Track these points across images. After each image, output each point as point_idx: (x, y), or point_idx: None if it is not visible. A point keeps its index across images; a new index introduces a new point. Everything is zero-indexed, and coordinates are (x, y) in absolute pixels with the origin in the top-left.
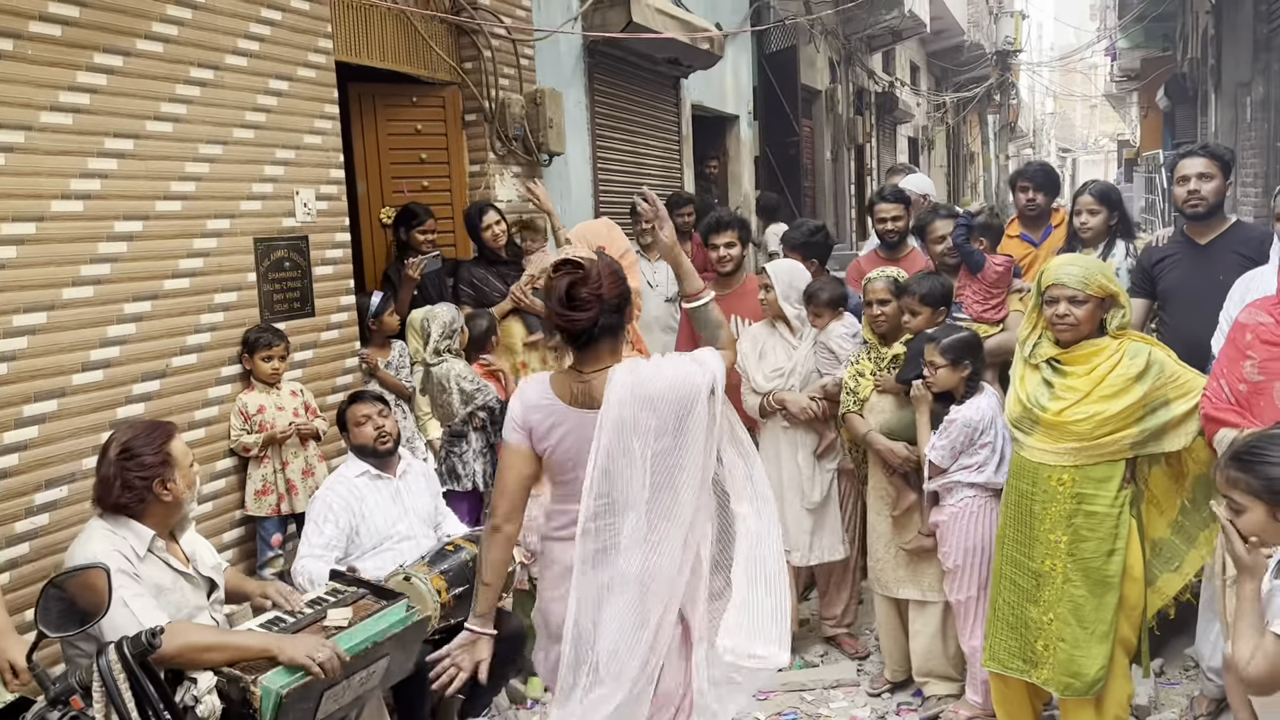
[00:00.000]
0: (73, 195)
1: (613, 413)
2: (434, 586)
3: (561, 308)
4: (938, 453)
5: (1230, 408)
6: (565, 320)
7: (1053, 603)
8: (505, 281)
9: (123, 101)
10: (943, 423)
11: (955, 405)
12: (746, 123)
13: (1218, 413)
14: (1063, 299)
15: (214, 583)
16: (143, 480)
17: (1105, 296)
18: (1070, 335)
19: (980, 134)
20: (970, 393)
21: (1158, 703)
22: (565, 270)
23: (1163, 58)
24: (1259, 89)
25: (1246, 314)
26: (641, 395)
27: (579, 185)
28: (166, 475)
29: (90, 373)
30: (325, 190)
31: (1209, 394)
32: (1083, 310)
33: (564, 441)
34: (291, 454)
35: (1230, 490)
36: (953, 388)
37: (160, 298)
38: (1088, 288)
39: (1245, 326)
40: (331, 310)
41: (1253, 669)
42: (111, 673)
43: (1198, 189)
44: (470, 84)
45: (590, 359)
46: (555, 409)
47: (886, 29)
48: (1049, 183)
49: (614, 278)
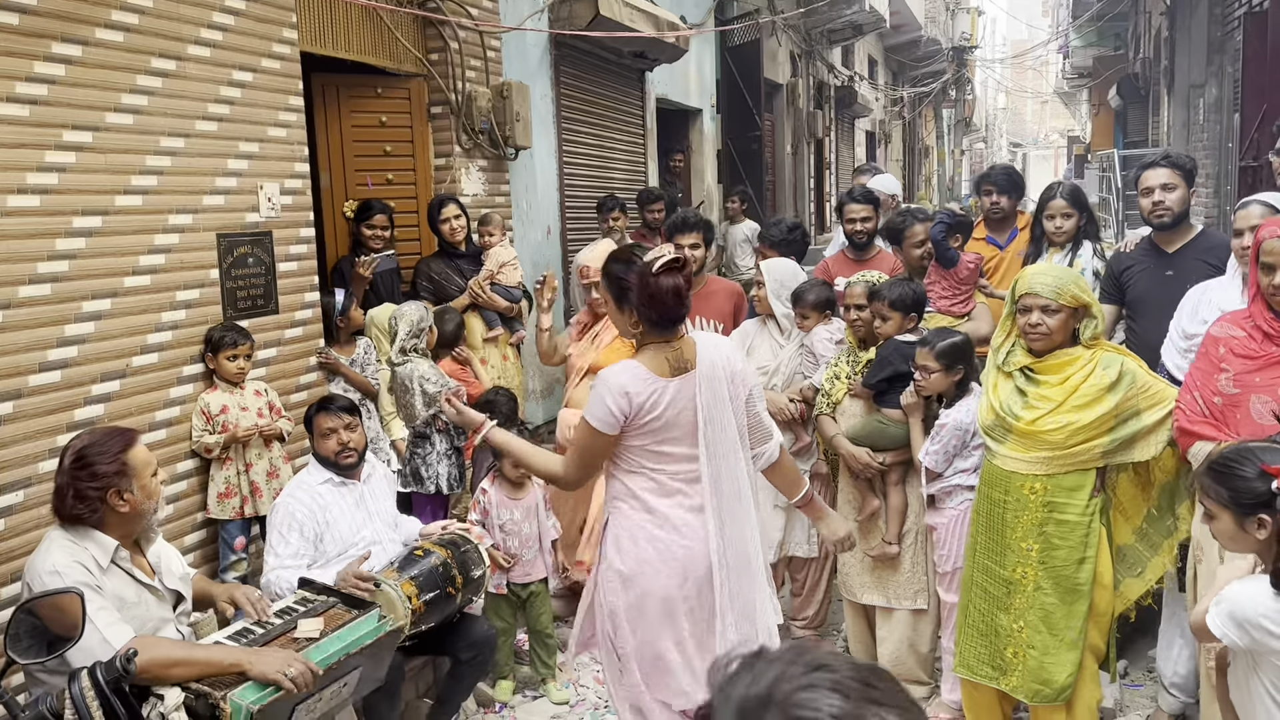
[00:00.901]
0: (29, 190)
1: (705, 370)
2: (405, 593)
3: (674, 301)
4: (931, 458)
5: (1205, 420)
6: (677, 311)
7: (1023, 610)
8: (464, 276)
9: (81, 92)
10: (934, 428)
11: (944, 409)
12: (710, 116)
13: (1192, 425)
14: (1035, 308)
15: (181, 595)
16: (96, 491)
17: (1078, 306)
18: (1043, 344)
19: (935, 128)
20: (959, 395)
21: (1122, 704)
22: (671, 266)
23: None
24: (1212, 91)
25: (1219, 327)
26: (719, 356)
27: (545, 179)
28: (122, 485)
29: (48, 373)
30: (290, 184)
31: (1183, 406)
32: (1055, 320)
33: (670, 408)
34: (255, 455)
35: (1204, 498)
36: (945, 391)
37: (120, 295)
38: (1060, 297)
39: (1218, 340)
40: (296, 307)
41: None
42: (84, 700)
43: (1162, 199)
44: (436, 76)
45: (671, 333)
46: (657, 385)
47: (847, 23)
48: (1013, 186)
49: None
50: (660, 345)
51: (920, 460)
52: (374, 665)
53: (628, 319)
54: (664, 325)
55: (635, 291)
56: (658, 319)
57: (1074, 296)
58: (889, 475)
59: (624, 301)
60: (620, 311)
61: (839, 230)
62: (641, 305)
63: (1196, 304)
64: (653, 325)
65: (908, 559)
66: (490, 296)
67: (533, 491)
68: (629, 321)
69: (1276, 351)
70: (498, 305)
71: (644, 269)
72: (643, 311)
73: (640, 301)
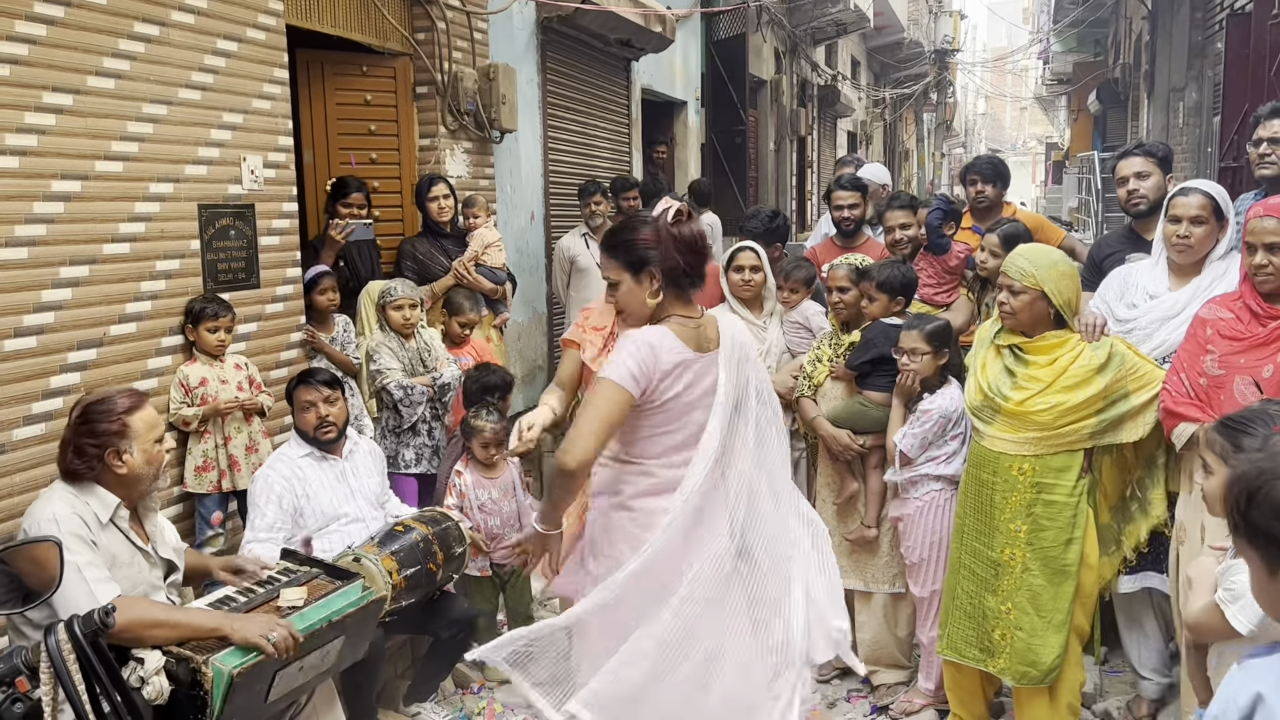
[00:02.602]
0: (7, 151)
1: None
2: (385, 568)
3: (701, 248)
4: (909, 441)
5: (1190, 402)
6: (704, 260)
7: (1011, 592)
8: (449, 256)
9: (63, 54)
10: (915, 413)
11: (927, 395)
12: (694, 109)
13: (1177, 407)
14: (1004, 287)
15: (173, 565)
16: (95, 448)
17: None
18: (1010, 323)
19: (916, 131)
20: (941, 383)
21: (1103, 689)
22: (680, 218)
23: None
24: (1192, 95)
25: (1207, 309)
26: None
27: (529, 164)
28: (121, 446)
29: (23, 339)
30: (273, 158)
31: (1169, 387)
32: (1019, 300)
33: (691, 388)
34: (234, 429)
35: (1206, 450)
36: (931, 375)
37: (99, 263)
38: (1023, 279)
39: (1205, 321)
40: (277, 282)
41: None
42: (60, 653)
43: (1136, 188)
44: (422, 55)
45: (691, 307)
46: (688, 357)
47: (831, 21)
48: (998, 175)
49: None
50: (683, 319)
51: (894, 444)
52: (355, 637)
53: (647, 287)
54: (692, 279)
55: (656, 248)
56: (686, 269)
57: (1035, 281)
58: (869, 458)
59: (642, 267)
60: (638, 281)
61: (824, 219)
62: (666, 260)
63: (1123, 287)
64: (678, 283)
65: (885, 543)
66: (475, 278)
67: (508, 470)
68: (649, 291)
69: (1262, 332)
70: (483, 286)
71: (659, 221)
72: (668, 267)
73: (664, 256)
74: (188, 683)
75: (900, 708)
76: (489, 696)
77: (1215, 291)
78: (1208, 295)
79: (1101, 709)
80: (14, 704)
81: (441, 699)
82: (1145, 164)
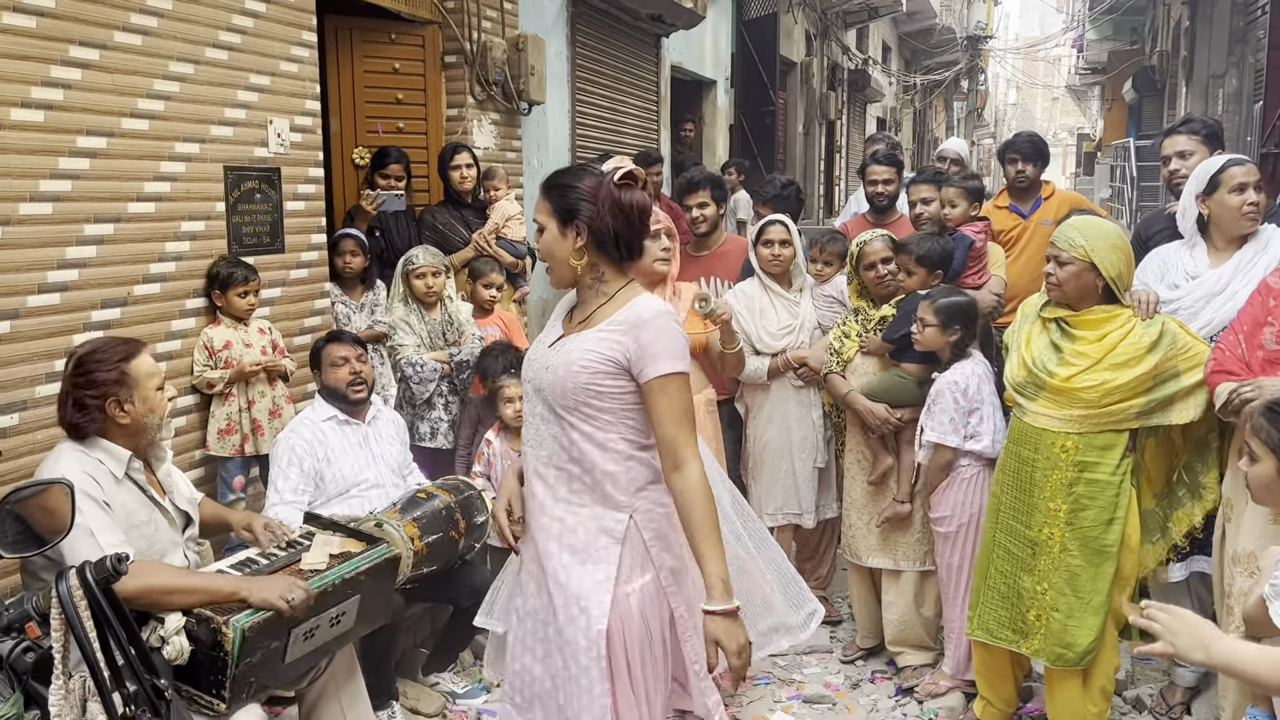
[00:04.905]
0: (33, 104)
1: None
2: (407, 533)
3: (628, 220)
4: (937, 433)
5: (1239, 361)
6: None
7: (1048, 572)
8: (469, 228)
9: (90, 8)
10: (927, 400)
11: (937, 375)
12: (723, 89)
13: (1224, 366)
14: (1052, 258)
15: (189, 517)
16: (94, 400)
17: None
18: (1056, 295)
19: (945, 119)
20: (956, 358)
21: (1135, 677)
22: (629, 181)
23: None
24: (1232, 81)
25: (1276, 278)
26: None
27: (557, 137)
28: (121, 395)
29: (47, 295)
30: (300, 122)
31: (1222, 345)
32: (1064, 272)
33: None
34: (258, 393)
35: (1253, 437)
36: (938, 349)
37: (124, 221)
38: (1071, 249)
39: (1272, 291)
40: (302, 248)
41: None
42: (72, 599)
43: (1178, 168)
44: (452, 24)
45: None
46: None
47: (863, 4)
48: (1038, 154)
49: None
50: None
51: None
52: (373, 599)
53: (570, 243)
54: (621, 250)
55: (592, 203)
56: (617, 237)
57: (1085, 252)
58: (902, 433)
59: (570, 219)
60: (563, 234)
61: (854, 197)
62: (597, 220)
63: (1162, 269)
64: (605, 249)
65: (917, 520)
66: (496, 250)
67: None
68: (572, 248)
69: None
70: (503, 259)
71: (600, 175)
72: (597, 228)
73: (595, 215)
74: (208, 644)
75: (926, 690)
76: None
77: (1259, 265)
78: (1251, 269)
79: (1133, 695)
80: (26, 652)
81: (460, 669)
82: (1189, 142)
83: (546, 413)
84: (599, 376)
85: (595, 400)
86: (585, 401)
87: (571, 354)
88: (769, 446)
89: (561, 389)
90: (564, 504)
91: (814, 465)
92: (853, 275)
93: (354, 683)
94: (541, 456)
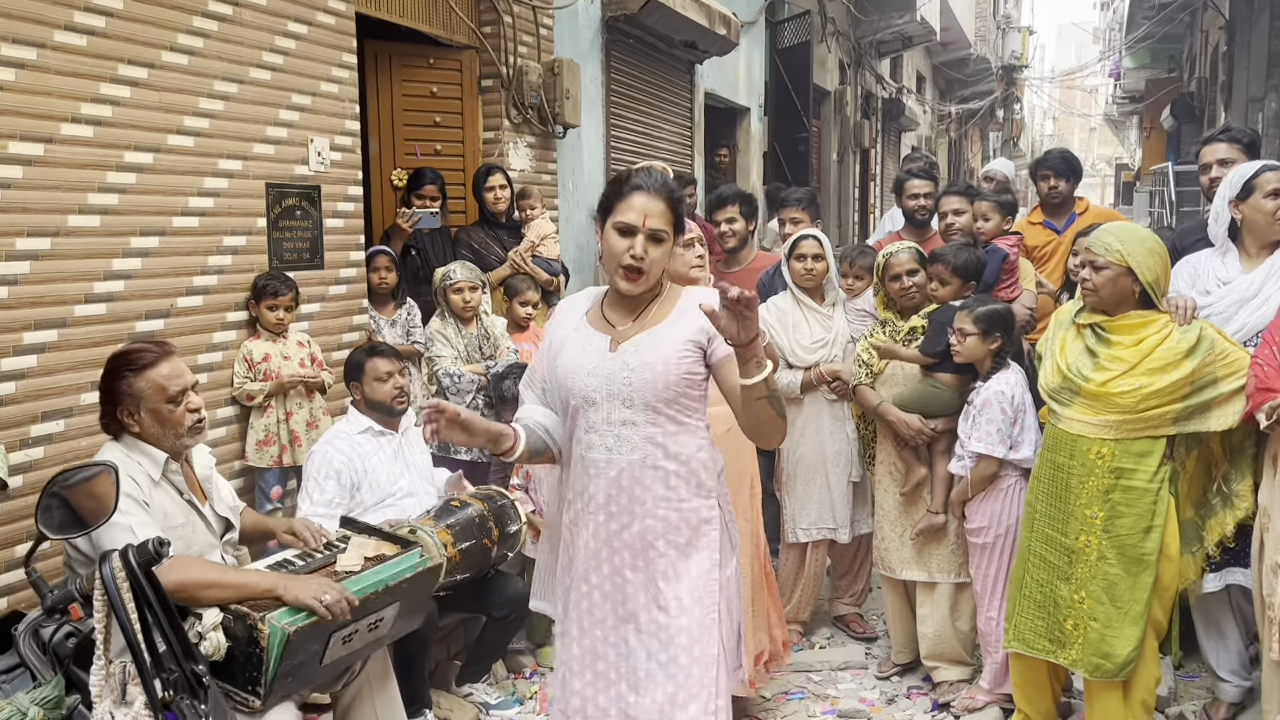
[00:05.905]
0: (83, 120)
1: None
2: (441, 540)
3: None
4: (985, 443)
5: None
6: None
7: (1085, 580)
8: (504, 247)
9: (138, 28)
10: (973, 410)
11: (980, 382)
12: (757, 116)
13: (1267, 383)
14: (1088, 263)
15: (229, 523)
16: (108, 405)
17: (1128, 268)
18: (1092, 300)
19: (981, 149)
20: (996, 368)
21: (1177, 694)
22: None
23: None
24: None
25: None
26: None
27: (591, 161)
28: (130, 406)
29: (93, 305)
30: (340, 141)
31: (1260, 360)
32: (1100, 277)
33: None
34: (296, 405)
35: None
36: (979, 360)
37: (168, 235)
38: (1107, 254)
39: None
40: (341, 265)
41: None
42: (114, 581)
43: (1219, 176)
44: (489, 49)
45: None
46: None
47: (897, 34)
48: (1070, 170)
49: None
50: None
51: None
52: (410, 605)
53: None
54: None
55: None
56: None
57: (1120, 257)
58: (936, 444)
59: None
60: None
61: (889, 214)
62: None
63: (1193, 276)
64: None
65: (952, 531)
66: (532, 268)
67: None
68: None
69: None
70: (539, 277)
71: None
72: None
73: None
74: (245, 640)
75: (962, 704)
76: (540, 681)
77: None
78: None
79: (1176, 712)
80: (67, 638)
81: (494, 682)
82: (1230, 150)
83: (634, 415)
84: (692, 363)
85: (691, 389)
86: (683, 391)
87: (662, 347)
88: (803, 461)
89: (662, 383)
90: (664, 503)
91: (848, 479)
92: (879, 287)
93: (388, 689)
94: (634, 460)
